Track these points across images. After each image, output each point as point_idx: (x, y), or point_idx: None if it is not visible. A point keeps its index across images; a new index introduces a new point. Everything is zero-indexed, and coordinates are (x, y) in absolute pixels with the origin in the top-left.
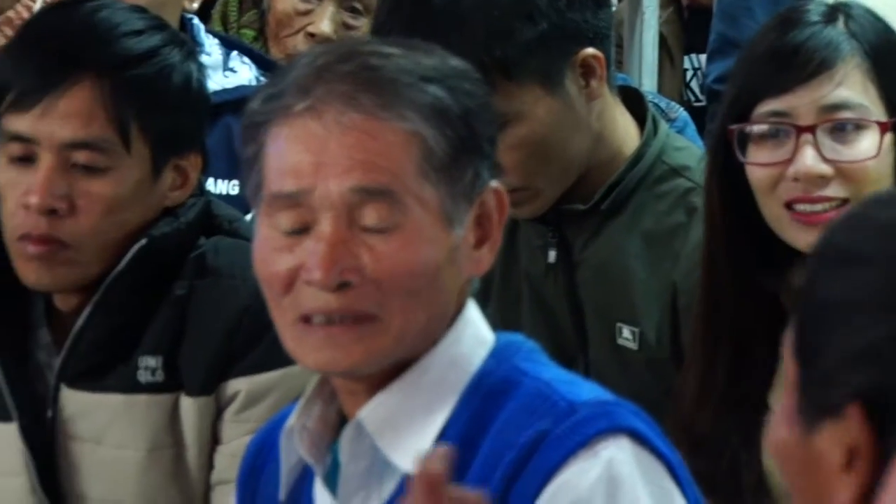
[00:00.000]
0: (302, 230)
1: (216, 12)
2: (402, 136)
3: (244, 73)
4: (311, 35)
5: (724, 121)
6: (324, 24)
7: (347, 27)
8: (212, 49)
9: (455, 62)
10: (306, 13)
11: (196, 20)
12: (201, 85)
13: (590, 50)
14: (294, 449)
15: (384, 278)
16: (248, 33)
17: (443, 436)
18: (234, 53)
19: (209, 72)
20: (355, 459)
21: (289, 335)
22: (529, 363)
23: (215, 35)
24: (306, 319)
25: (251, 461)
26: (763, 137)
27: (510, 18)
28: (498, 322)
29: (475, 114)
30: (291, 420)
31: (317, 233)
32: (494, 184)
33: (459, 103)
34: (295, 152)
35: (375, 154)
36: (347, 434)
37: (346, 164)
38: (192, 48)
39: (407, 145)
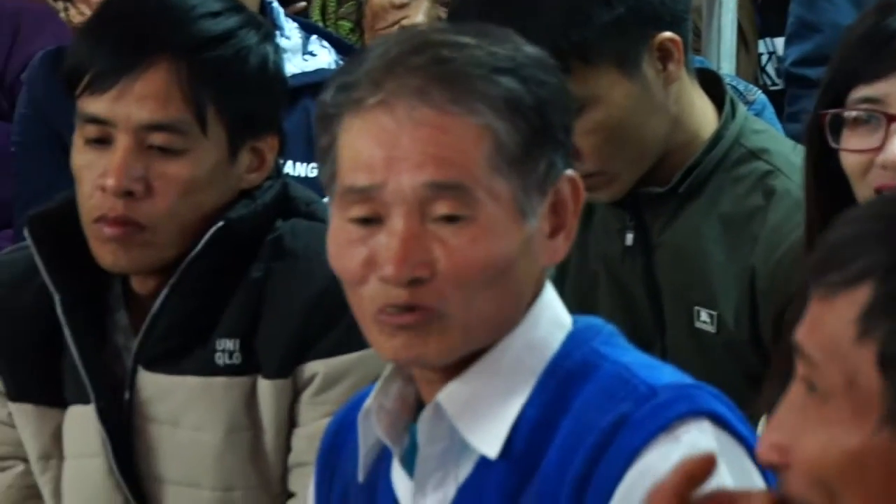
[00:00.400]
0: (374, 223)
1: (316, 2)
2: (473, 130)
3: (323, 56)
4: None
5: (818, 105)
6: (418, 18)
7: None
8: (291, 33)
9: (530, 50)
10: (402, 7)
11: (276, 3)
12: (278, 67)
13: (667, 33)
14: (372, 430)
15: (455, 273)
16: (345, 24)
17: (521, 419)
18: (314, 37)
19: (289, 55)
20: (433, 441)
21: (365, 324)
22: (608, 347)
23: (294, 19)
24: (381, 311)
25: (330, 443)
26: (856, 123)
27: (587, 2)
28: (574, 306)
29: (549, 103)
30: (369, 401)
31: (389, 227)
32: (569, 172)
33: (533, 94)
34: (367, 147)
35: (447, 149)
36: (426, 416)
37: (418, 159)
38: (269, 30)
39: (478, 139)
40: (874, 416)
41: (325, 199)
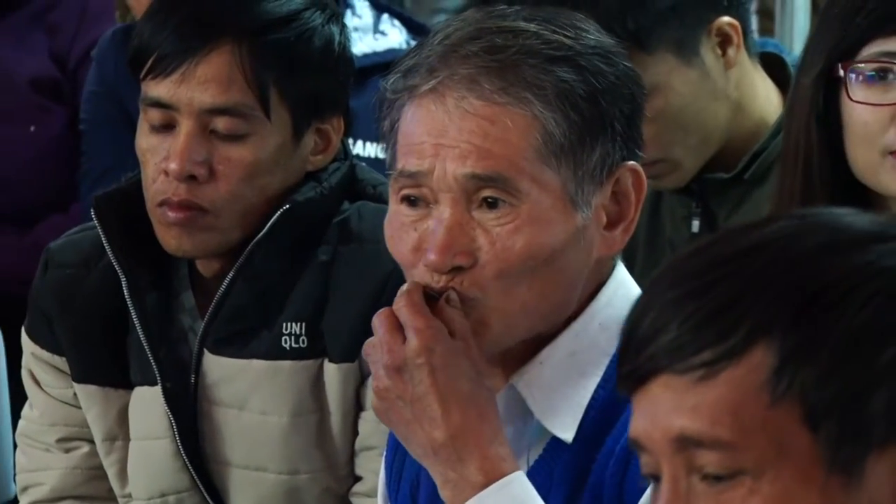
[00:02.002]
0: (424, 208)
1: None
2: (521, 120)
3: (394, 36)
4: None
5: (826, 61)
6: None
7: None
8: (363, 12)
9: (593, 37)
10: None
11: None
12: (344, 48)
13: (725, 18)
14: None
15: (496, 261)
16: None
17: (593, 400)
18: (385, 16)
19: (359, 34)
20: (506, 422)
21: None
22: None
23: None
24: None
25: None
26: (870, 79)
27: None
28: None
29: (604, 93)
30: None
31: (437, 214)
32: (631, 163)
33: (587, 84)
34: (418, 133)
35: (492, 140)
36: (500, 398)
37: (463, 150)
38: (335, 11)
39: (526, 130)
40: (819, 470)
41: None
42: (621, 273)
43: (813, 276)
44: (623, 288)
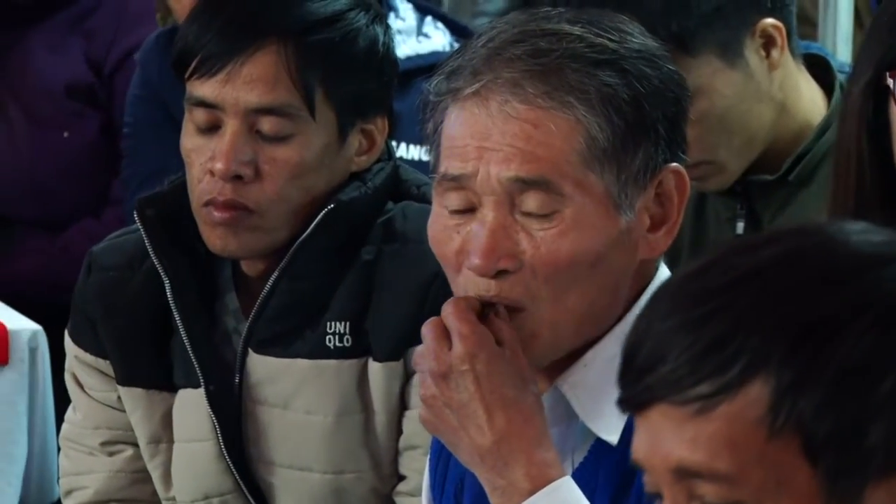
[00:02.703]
0: (468, 211)
1: None
2: (564, 125)
3: (438, 38)
4: None
5: (875, 70)
6: None
7: None
8: (406, 14)
9: (637, 40)
10: None
11: None
12: (388, 49)
13: (769, 20)
14: None
15: (542, 266)
16: None
17: None
18: (429, 18)
19: (403, 37)
20: (551, 424)
21: None
22: None
23: (410, 0)
24: None
25: None
26: None
27: None
28: None
29: (648, 97)
30: None
31: (480, 217)
32: (674, 165)
33: (631, 87)
34: (461, 136)
35: (536, 144)
36: (545, 400)
37: (507, 153)
38: (380, 12)
39: (570, 134)
40: (818, 501)
41: None
42: (664, 275)
43: (808, 307)
44: None
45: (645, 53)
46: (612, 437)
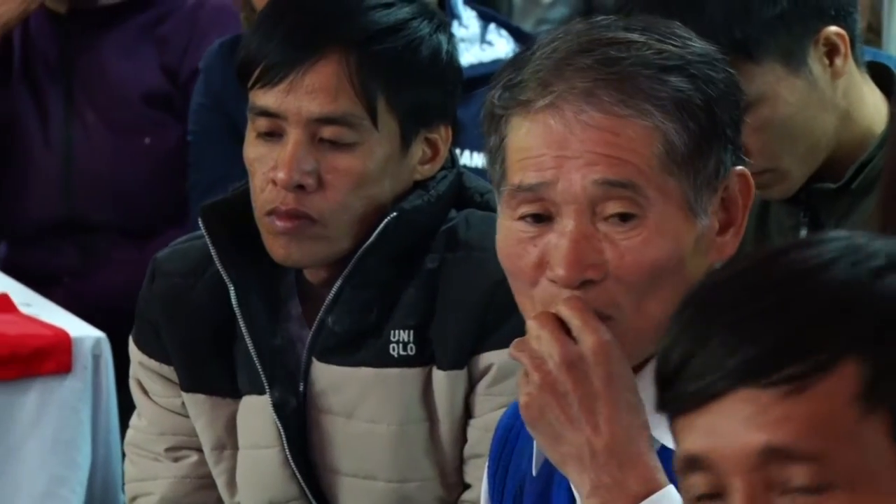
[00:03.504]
0: (544, 222)
1: None
2: (642, 131)
3: (501, 46)
4: None
5: None
6: None
7: None
8: (469, 22)
9: (697, 45)
10: None
11: None
12: (451, 57)
13: (833, 28)
14: None
15: (626, 274)
16: None
17: None
18: (492, 26)
19: (466, 45)
20: None
21: None
22: None
23: (473, 7)
24: None
25: (503, 437)
26: None
27: None
28: None
29: (717, 101)
30: None
31: (560, 227)
32: (739, 168)
33: (701, 92)
34: (536, 146)
35: (618, 149)
36: None
37: (589, 158)
38: (443, 20)
39: (648, 140)
40: None
41: None
42: None
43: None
44: None
45: (707, 58)
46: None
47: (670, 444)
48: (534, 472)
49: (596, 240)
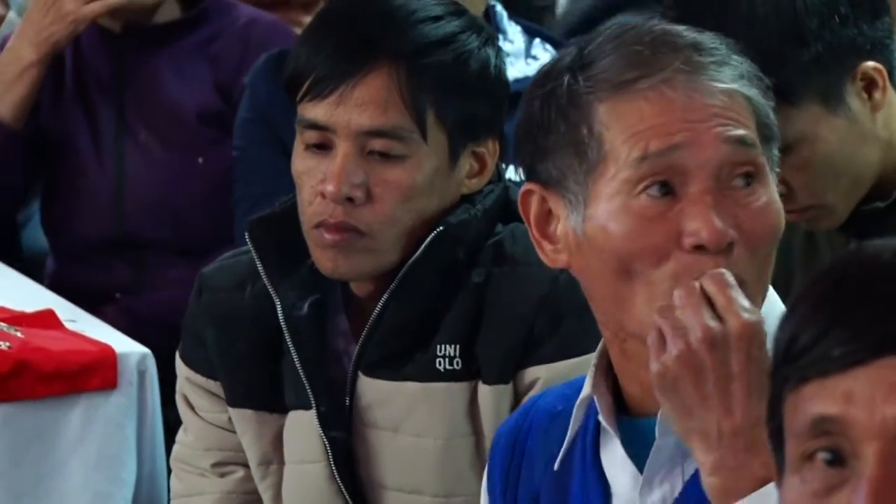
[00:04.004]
0: (669, 196)
1: None
2: (745, 102)
3: (546, 60)
4: None
5: None
6: None
7: None
8: (514, 37)
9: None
10: None
11: (499, 7)
12: (500, 71)
13: (870, 63)
14: (578, 420)
15: (755, 237)
16: None
17: None
18: (537, 41)
19: (511, 59)
20: (667, 434)
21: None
22: None
23: (518, 22)
24: None
25: (509, 443)
26: None
27: (781, 44)
28: None
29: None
30: (587, 390)
31: (691, 195)
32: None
33: (759, 79)
34: (655, 116)
35: (735, 114)
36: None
37: (718, 121)
38: (491, 34)
39: (749, 112)
40: None
41: None
42: (775, 301)
43: None
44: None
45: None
46: None
47: None
48: (556, 466)
49: (726, 204)
